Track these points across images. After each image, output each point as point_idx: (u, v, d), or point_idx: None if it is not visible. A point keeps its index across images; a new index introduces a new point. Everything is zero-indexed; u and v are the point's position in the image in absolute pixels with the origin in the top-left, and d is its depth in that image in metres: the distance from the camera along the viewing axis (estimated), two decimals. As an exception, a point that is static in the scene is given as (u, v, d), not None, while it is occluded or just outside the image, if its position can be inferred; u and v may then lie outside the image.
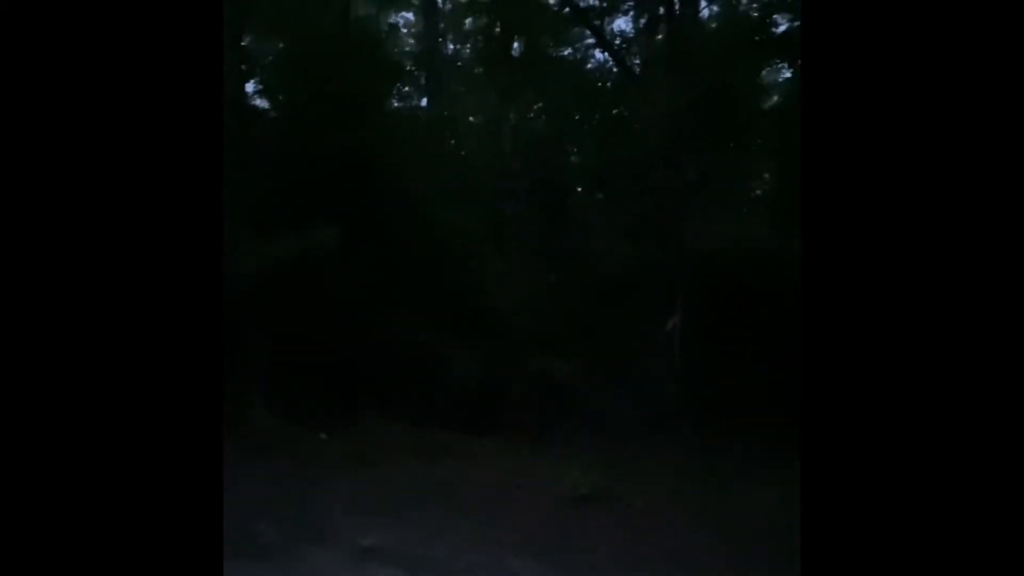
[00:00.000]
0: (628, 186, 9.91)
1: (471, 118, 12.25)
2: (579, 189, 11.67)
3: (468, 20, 12.16)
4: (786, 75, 10.18)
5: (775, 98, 10.70)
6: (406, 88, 11.94)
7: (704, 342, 8.18)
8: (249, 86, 9.90)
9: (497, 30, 11.19)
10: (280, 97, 10.17)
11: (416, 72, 12.07)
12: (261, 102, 10.29)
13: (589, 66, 11.28)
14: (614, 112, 10.77)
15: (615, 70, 10.65)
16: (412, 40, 13.09)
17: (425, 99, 12.24)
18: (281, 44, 9.90)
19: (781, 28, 9.05)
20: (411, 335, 8.28)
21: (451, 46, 12.98)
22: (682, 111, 8.30)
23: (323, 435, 7.61)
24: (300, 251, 7.60)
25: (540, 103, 11.24)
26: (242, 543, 4.20)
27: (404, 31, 13.15)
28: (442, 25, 12.61)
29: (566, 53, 11.29)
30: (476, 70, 12.07)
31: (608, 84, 11.04)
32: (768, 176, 10.73)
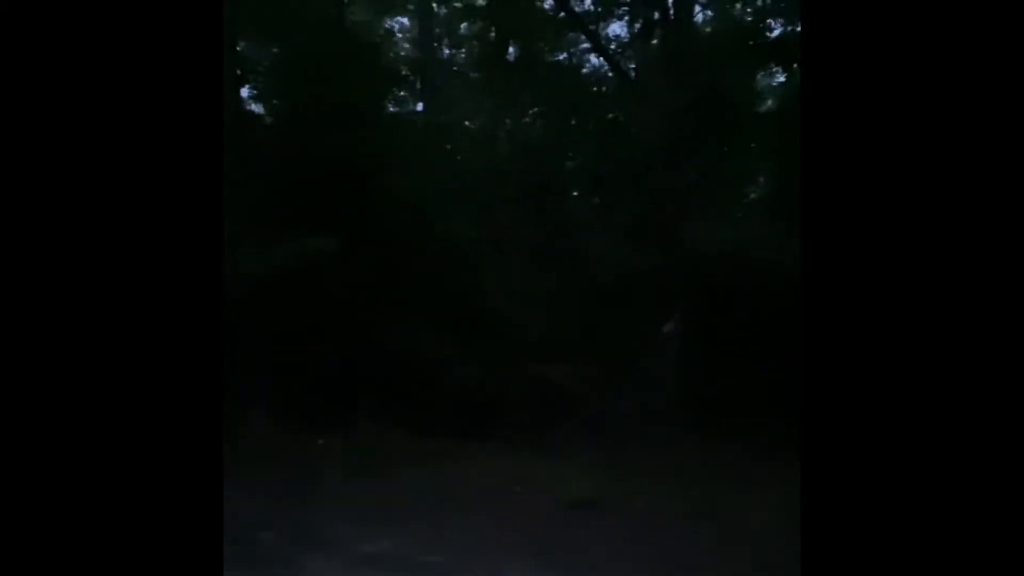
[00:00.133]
0: (625, 189, 9.92)
1: (467, 122, 12.24)
2: (576, 193, 11.67)
3: (464, 25, 12.17)
4: (781, 79, 10.23)
5: (770, 102, 10.74)
6: (402, 93, 11.95)
7: (703, 344, 8.19)
8: (245, 91, 9.92)
9: (493, 35, 11.20)
10: (276, 102, 10.18)
11: (412, 77, 12.07)
12: (257, 107, 10.32)
13: (585, 71, 11.31)
14: (610, 116, 10.78)
15: (611, 74, 10.67)
16: (408, 45, 13.08)
17: (421, 104, 12.24)
18: (277, 49, 9.91)
19: (776, 32, 9.09)
20: (409, 339, 8.27)
21: (447, 51, 12.98)
22: (678, 115, 8.32)
23: (321, 440, 7.59)
24: (298, 256, 7.59)
25: (536, 107, 11.23)
26: (241, 549, 4.19)
27: (400, 36, 13.15)
28: (438, 30, 12.60)
29: (562, 58, 11.31)
30: (472, 75, 12.07)
31: (604, 88, 11.06)
32: (765, 179, 10.75)
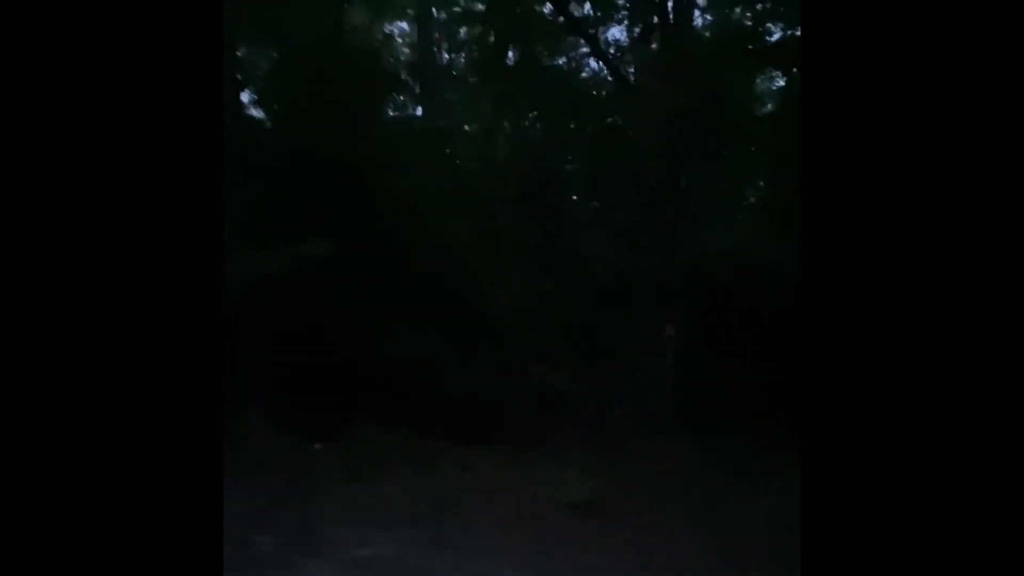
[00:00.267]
0: (623, 193, 9.94)
1: (466, 127, 12.27)
2: (574, 197, 11.69)
3: (463, 30, 12.19)
4: (780, 83, 10.26)
5: (769, 106, 10.77)
6: (401, 97, 11.98)
7: (700, 348, 8.19)
8: (245, 96, 9.93)
9: (491, 39, 11.22)
10: (275, 107, 10.19)
11: (411, 81, 12.10)
12: (257, 111, 10.32)
13: (584, 75, 11.33)
14: (609, 120, 10.79)
15: (610, 78, 10.67)
16: (407, 50, 13.11)
17: (420, 108, 12.26)
18: (276, 54, 9.92)
19: (775, 37, 9.10)
20: (408, 342, 8.26)
21: (446, 55, 13.01)
22: (677, 118, 8.33)
23: (317, 445, 7.58)
24: (297, 259, 7.59)
25: (535, 111, 11.25)
26: (238, 554, 4.18)
27: (399, 41, 13.19)
28: (437, 35, 12.64)
29: (561, 62, 11.32)
30: (471, 79, 12.09)
31: (603, 93, 11.07)
32: (763, 183, 10.77)
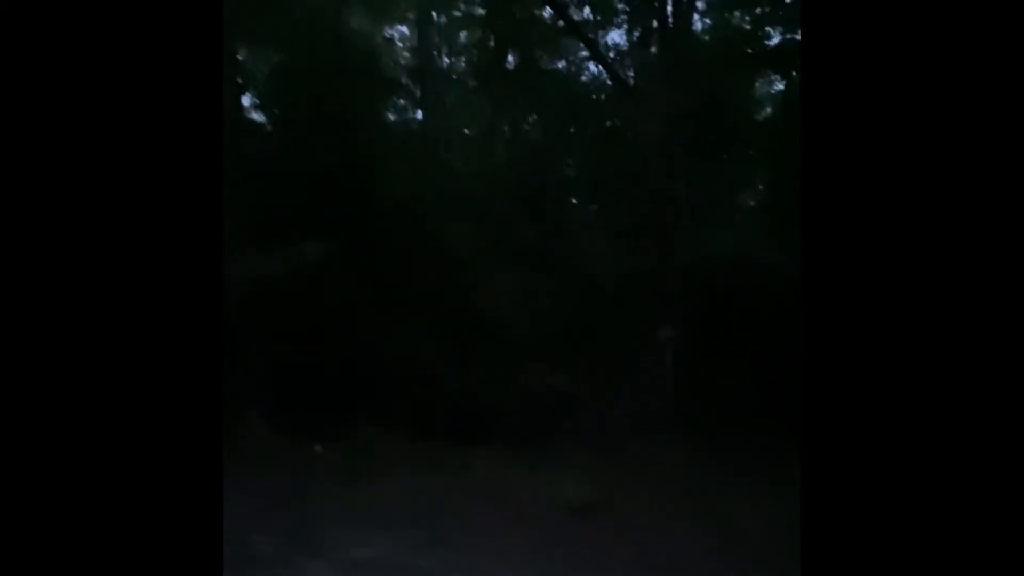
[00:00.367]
0: (623, 196, 9.95)
1: (466, 130, 12.30)
2: (574, 200, 11.71)
3: (463, 33, 12.23)
4: (779, 87, 10.29)
5: (768, 109, 10.80)
6: (401, 101, 11.99)
7: (700, 349, 8.20)
8: (245, 99, 9.95)
9: (491, 43, 11.24)
10: (275, 110, 10.20)
11: (411, 85, 12.12)
12: (257, 115, 10.33)
13: (583, 78, 11.38)
14: (608, 124, 10.82)
15: (609, 82, 10.71)
16: (407, 53, 13.15)
17: (420, 112, 12.29)
18: (277, 58, 9.94)
19: (774, 40, 9.14)
20: (408, 344, 8.27)
21: (446, 59, 13.06)
22: (676, 122, 8.35)
23: (318, 447, 7.58)
24: (296, 262, 7.60)
25: (535, 115, 11.29)
26: (238, 555, 4.17)
27: (399, 45, 13.23)
28: (437, 38, 12.67)
29: (560, 66, 11.37)
30: (471, 83, 12.12)
31: (602, 96, 11.11)
32: (761, 186, 10.80)
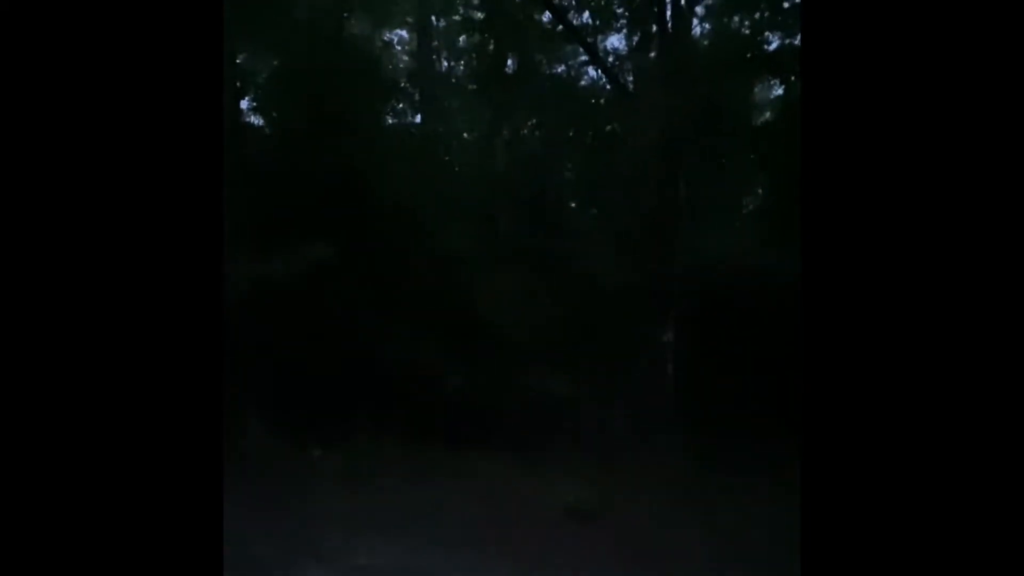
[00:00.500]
0: (622, 201, 9.95)
1: (465, 134, 12.30)
2: (573, 204, 11.71)
3: (462, 38, 12.24)
4: (778, 91, 10.30)
5: (767, 114, 10.81)
6: (400, 105, 11.98)
7: (699, 352, 8.20)
8: (245, 103, 9.96)
9: (491, 48, 11.26)
10: (275, 114, 10.21)
11: (410, 89, 12.14)
12: (257, 119, 10.35)
13: (583, 83, 11.38)
14: (607, 128, 10.82)
15: (608, 87, 10.73)
16: (406, 57, 13.17)
17: (419, 116, 12.29)
18: (276, 62, 9.95)
19: (773, 45, 9.14)
20: (406, 348, 8.26)
21: (445, 63, 13.07)
22: (675, 126, 8.36)
23: (317, 451, 7.57)
24: (295, 265, 7.60)
25: (534, 120, 11.29)
26: (236, 560, 4.16)
27: (398, 49, 13.25)
28: (436, 43, 12.69)
29: (559, 70, 11.38)
30: (470, 87, 12.12)
31: (601, 101, 11.11)
32: (761, 190, 10.80)
